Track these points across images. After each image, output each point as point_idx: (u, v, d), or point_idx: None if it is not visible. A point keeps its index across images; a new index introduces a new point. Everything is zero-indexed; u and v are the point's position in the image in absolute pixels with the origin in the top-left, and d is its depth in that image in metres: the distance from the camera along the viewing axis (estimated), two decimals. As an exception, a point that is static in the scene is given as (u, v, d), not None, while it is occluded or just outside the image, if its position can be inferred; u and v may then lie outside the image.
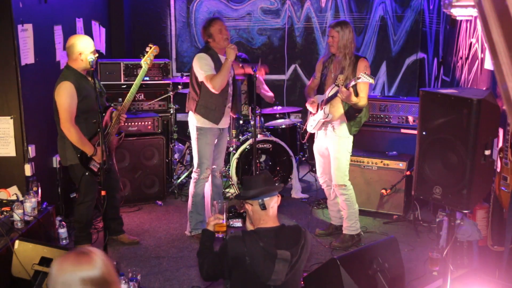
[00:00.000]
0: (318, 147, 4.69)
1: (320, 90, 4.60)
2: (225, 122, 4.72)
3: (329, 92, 4.43)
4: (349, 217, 4.59)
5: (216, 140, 4.75)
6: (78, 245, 4.33)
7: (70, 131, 4.04)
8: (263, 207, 2.73)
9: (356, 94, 4.30)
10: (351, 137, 4.52)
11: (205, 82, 4.46)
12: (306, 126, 4.78)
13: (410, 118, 5.44)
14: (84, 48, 4.09)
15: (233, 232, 2.75)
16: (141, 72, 4.36)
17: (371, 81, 4.12)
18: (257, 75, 5.78)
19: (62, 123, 4.05)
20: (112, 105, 4.45)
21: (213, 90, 4.44)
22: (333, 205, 4.80)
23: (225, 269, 2.70)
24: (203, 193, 4.77)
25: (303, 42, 7.28)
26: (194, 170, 4.75)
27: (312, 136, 4.84)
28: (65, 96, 4.02)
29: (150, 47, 4.45)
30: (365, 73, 4.14)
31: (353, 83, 4.17)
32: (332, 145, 4.51)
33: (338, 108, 4.42)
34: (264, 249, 2.59)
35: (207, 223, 2.95)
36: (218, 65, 4.51)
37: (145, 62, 4.39)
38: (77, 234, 4.39)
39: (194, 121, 4.64)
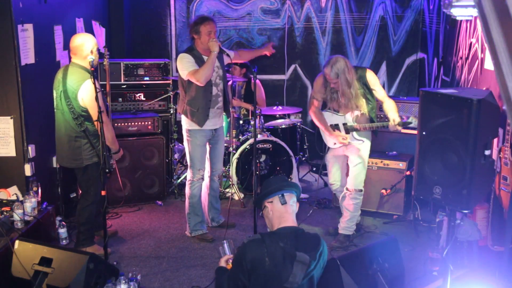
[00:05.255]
0: (336, 154, 4.64)
1: (326, 106, 4.60)
2: (212, 124, 4.64)
3: (353, 118, 4.46)
4: (351, 219, 4.58)
5: (207, 142, 4.73)
6: (82, 247, 4.25)
7: (108, 127, 4.08)
8: (283, 201, 2.72)
9: (370, 94, 4.40)
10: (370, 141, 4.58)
11: (190, 79, 4.42)
12: (327, 142, 4.65)
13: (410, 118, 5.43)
14: (94, 43, 4.14)
15: (251, 236, 2.71)
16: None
17: (413, 123, 4.30)
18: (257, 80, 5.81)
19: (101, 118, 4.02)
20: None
21: (198, 83, 4.39)
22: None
23: (245, 275, 2.61)
24: (200, 194, 4.76)
25: (303, 42, 7.28)
26: (187, 172, 4.76)
27: (320, 137, 4.72)
28: (94, 95, 3.84)
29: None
30: (411, 117, 4.35)
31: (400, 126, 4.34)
32: (355, 153, 4.50)
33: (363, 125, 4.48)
34: (283, 249, 2.56)
35: (219, 262, 2.94)
36: (201, 65, 4.45)
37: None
38: (82, 237, 4.30)
39: (184, 123, 4.65)
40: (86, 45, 4.09)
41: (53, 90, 4.20)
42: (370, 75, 4.39)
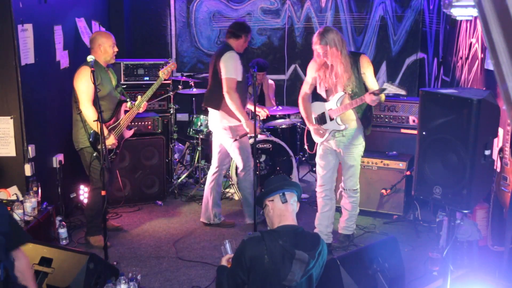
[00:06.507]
0: (325, 157, 4.42)
1: (316, 97, 4.43)
2: None
3: (337, 101, 4.23)
4: (350, 218, 4.57)
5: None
6: (90, 236, 4.49)
7: (88, 111, 4.26)
8: (284, 199, 2.74)
9: (358, 79, 4.17)
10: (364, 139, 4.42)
11: (228, 82, 4.61)
12: (312, 136, 4.48)
13: (410, 118, 5.44)
14: (103, 41, 4.41)
15: (250, 234, 2.72)
16: (158, 80, 4.76)
17: (403, 92, 4.06)
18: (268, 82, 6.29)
19: (81, 103, 4.28)
20: (127, 100, 4.64)
21: (224, 92, 4.62)
22: (324, 219, 4.53)
23: (244, 272, 2.62)
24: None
25: (303, 42, 7.28)
26: (240, 169, 4.85)
27: (309, 134, 4.58)
28: (84, 79, 4.21)
29: (169, 62, 4.82)
30: (390, 82, 4.05)
31: (378, 92, 3.99)
32: (347, 154, 4.34)
33: (350, 115, 4.26)
34: (283, 247, 2.58)
35: (220, 261, 2.94)
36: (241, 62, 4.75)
37: (163, 73, 4.76)
38: (90, 224, 4.53)
39: (225, 121, 4.72)
40: (97, 41, 4.42)
41: None
42: (363, 59, 4.21)
